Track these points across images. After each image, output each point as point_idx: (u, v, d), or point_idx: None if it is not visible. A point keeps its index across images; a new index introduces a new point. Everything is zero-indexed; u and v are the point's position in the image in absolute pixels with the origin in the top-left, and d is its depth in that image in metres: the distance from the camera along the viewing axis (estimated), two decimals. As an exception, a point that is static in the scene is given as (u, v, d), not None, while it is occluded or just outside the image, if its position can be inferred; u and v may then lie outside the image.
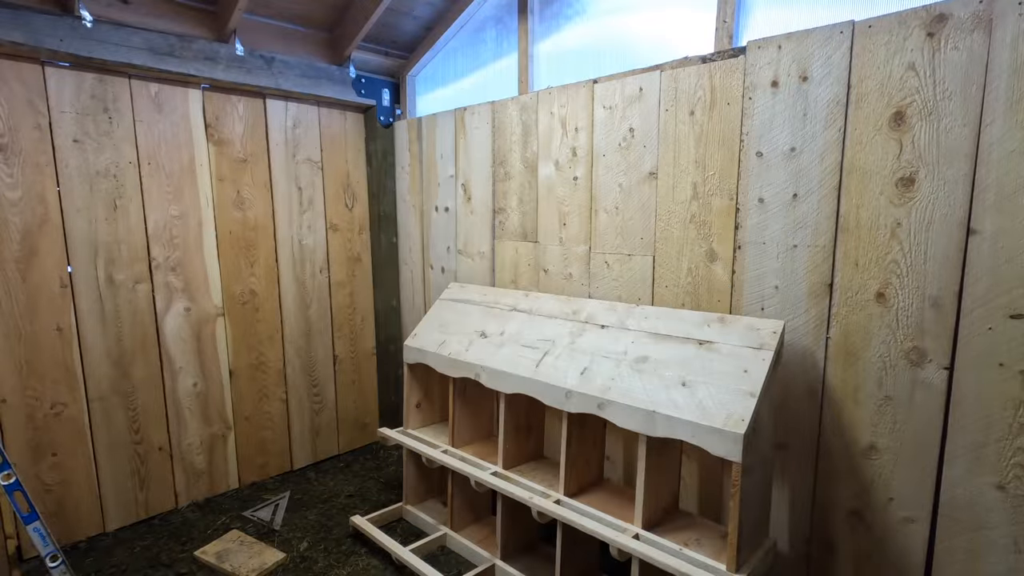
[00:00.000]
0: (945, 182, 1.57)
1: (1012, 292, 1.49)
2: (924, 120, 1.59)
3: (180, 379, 2.89)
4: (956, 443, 1.62)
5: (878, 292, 1.71)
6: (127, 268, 2.67)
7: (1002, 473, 1.54)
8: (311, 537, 2.69)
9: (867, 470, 1.79)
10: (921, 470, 1.69)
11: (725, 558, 1.66)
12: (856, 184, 1.72)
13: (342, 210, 3.48)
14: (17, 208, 2.37)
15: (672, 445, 1.96)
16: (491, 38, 3.09)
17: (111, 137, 2.58)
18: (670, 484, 2.02)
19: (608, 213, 2.39)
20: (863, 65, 1.68)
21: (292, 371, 3.33)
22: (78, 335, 2.56)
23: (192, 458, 2.97)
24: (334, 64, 3.29)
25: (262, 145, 3.08)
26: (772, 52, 1.86)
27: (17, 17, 2.27)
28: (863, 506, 1.82)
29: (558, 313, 2.39)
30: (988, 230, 1.51)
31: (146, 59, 2.58)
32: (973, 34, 1.49)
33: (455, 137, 3.08)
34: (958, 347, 1.59)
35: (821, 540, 1.92)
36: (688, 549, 1.74)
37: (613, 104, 2.32)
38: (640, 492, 1.87)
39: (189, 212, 2.84)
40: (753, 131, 1.93)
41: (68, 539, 2.60)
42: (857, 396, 1.79)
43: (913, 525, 1.72)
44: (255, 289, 3.13)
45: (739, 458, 1.57)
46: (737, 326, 1.87)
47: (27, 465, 2.47)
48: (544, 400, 2.12)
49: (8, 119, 2.32)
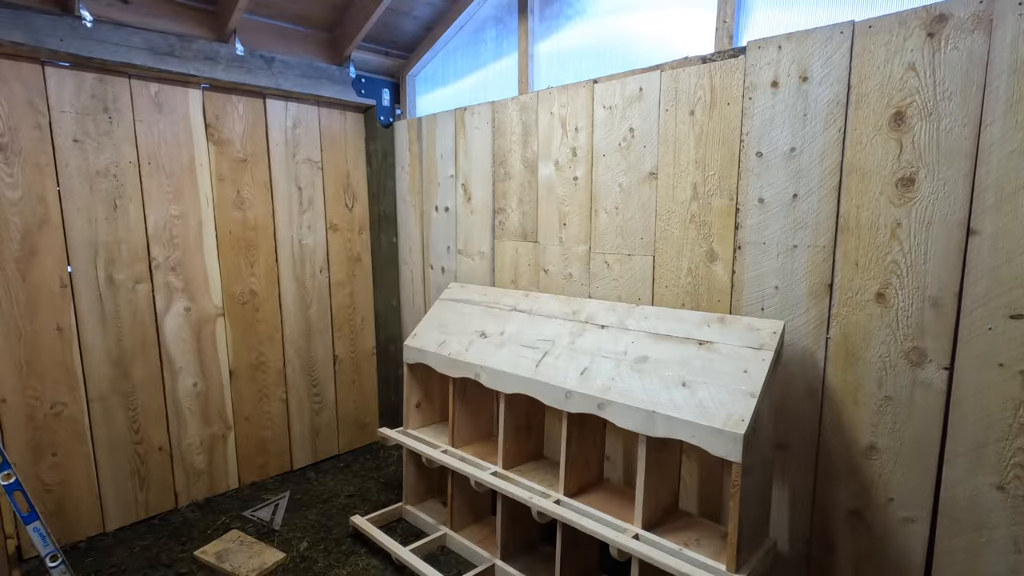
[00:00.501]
0: (945, 182, 1.57)
1: (1012, 292, 1.49)
2: (924, 120, 1.59)
3: (180, 379, 2.89)
4: (956, 443, 1.62)
5: (878, 292, 1.71)
6: (127, 268, 2.67)
7: (1002, 473, 1.54)
8: (311, 537, 2.69)
9: (867, 470, 1.79)
10: (921, 470, 1.69)
11: (725, 558, 1.66)
12: (856, 184, 1.72)
13: (342, 210, 3.48)
14: (17, 208, 2.37)
15: (672, 445, 1.96)
16: (491, 38, 3.09)
17: (111, 137, 2.58)
18: (670, 484, 2.02)
19: (608, 213, 2.39)
20: (863, 65, 1.68)
21: (292, 371, 3.33)
22: (78, 335, 2.56)
23: (192, 458, 2.97)
24: (334, 64, 3.30)
25: (262, 145, 3.08)
26: (772, 52, 1.86)
27: (17, 17, 2.27)
28: (863, 506, 1.82)
29: (558, 313, 2.39)
30: (988, 230, 1.51)
31: (146, 59, 2.58)
32: (973, 34, 1.49)
33: (455, 137, 3.08)
34: (958, 347, 1.59)
35: (821, 540, 1.92)
36: (688, 549, 1.74)
37: (613, 104, 2.32)
38: (640, 492, 1.87)
39: (189, 212, 2.84)
40: (753, 131, 1.93)
41: (68, 539, 2.60)
42: (857, 396, 1.79)
43: (913, 525, 1.72)
44: (255, 289, 3.13)
45: (739, 458, 1.57)
46: (737, 326, 1.87)
47: (27, 465, 2.47)
48: (544, 400, 2.12)
49: (8, 119, 2.32)
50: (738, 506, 1.60)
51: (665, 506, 1.99)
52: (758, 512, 1.79)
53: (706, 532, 1.88)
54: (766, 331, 1.80)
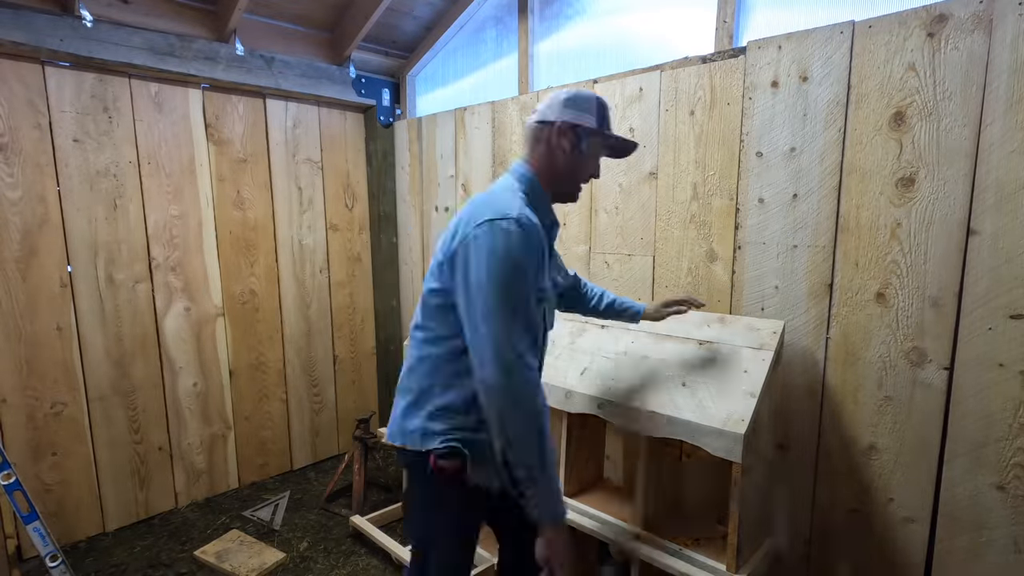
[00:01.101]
0: (945, 182, 1.57)
1: (1012, 292, 1.49)
2: (924, 120, 1.59)
3: (180, 379, 2.89)
4: (956, 443, 1.62)
5: (878, 292, 1.71)
6: (127, 268, 2.67)
7: (1002, 473, 1.54)
8: (311, 537, 2.69)
9: (867, 470, 1.79)
10: (921, 470, 1.69)
11: (725, 558, 1.66)
12: (856, 184, 1.72)
13: (342, 210, 3.48)
14: (17, 208, 2.37)
15: (672, 446, 1.96)
16: (491, 38, 3.09)
17: (111, 137, 2.58)
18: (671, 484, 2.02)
19: (608, 213, 2.39)
20: (863, 65, 1.68)
21: (292, 371, 3.33)
22: (78, 335, 2.56)
23: (192, 458, 2.97)
24: (334, 64, 3.30)
25: (262, 145, 3.08)
26: (772, 52, 1.86)
27: (17, 17, 2.27)
28: (863, 506, 1.82)
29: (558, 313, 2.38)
30: (988, 230, 1.51)
31: (146, 59, 2.58)
32: (973, 34, 1.49)
33: (455, 137, 3.08)
34: (958, 347, 1.59)
35: (821, 540, 1.92)
36: (688, 550, 1.74)
37: (613, 104, 2.32)
38: (639, 493, 1.87)
39: (189, 212, 2.84)
40: (753, 131, 1.93)
41: (68, 539, 2.60)
42: (857, 396, 1.79)
43: (913, 525, 1.72)
44: (255, 289, 3.13)
45: (739, 458, 1.57)
46: (737, 326, 1.87)
47: (27, 465, 2.47)
48: None
49: (8, 119, 2.32)
50: (738, 506, 1.59)
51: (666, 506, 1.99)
52: (758, 512, 1.79)
53: (707, 532, 1.88)
54: (766, 331, 1.79)
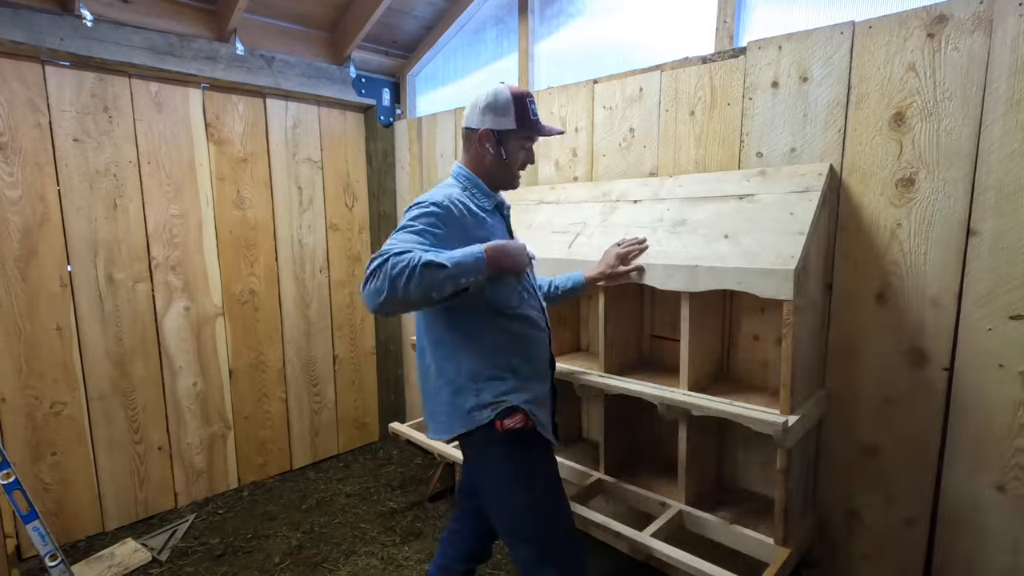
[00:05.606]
0: (945, 183, 1.57)
1: (1012, 293, 1.49)
2: (924, 121, 1.59)
3: (180, 378, 2.89)
4: (956, 443, 1.62)
5: (878, 292, 1.71)
6: (127, 267, 2.67)
7: (1002, 473, 1.54)
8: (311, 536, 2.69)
9: (867, 470, 1.80)
10: (921, 470, 1.69)
11: (778, 404, 1.63)
12: (856, 184, 1.72)
13: (342, 210, 3.48)
14: (17, 207, 2.36)
15: (715, 307, 1.92)
16: (491, 38, 3.09)
17: (111, 136, 2.58)
18: (714, 352, 1.97)
19: (608, 213, 2.39)
20: (863, 66, 1.68)
21: (292, 371, 3.33)
22: (78, 334, 2.56)
23: (192, 458, 2.97)
24: (334, 64, 3.29)
25: (262, 144, 3.08)
26: (772, 53, 1.86)
27: (17, 16, 2.27)
28: (863, 506, 1.82)
29: (588, 197, 2.30)
30: (988, 231, 1.51)
31: (146, 58, 2.58)
32: (973, 35, 1.49)
33: (455, 137, 3.08)
34: (958, 348, 1.59)
35: (821, 540, 1.92)
36: (738, 401, 1.69)
37: (613, 104, 2.32)
38: (684, 353, 1.80)
39: (189, 211, 2.84)
40: (753, 131, 1.93)
41: (67, 538, 2.60)
42: (857, 396, 1.79)
43: (913, 525, 1.72)
44: (255, 289, 3.12)
45: (791, 295, 1.51)
46: (779, 176, 1.79)
47: (27, 464, 2.46)
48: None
49: (8, 118, 2.32)
50: (790, 347, 1.53)
51: (709, 373, 1.95)
52: (809, 362, 1.74)
53: (755, 392, 1.85)
54: (811, 174, 1.72)
